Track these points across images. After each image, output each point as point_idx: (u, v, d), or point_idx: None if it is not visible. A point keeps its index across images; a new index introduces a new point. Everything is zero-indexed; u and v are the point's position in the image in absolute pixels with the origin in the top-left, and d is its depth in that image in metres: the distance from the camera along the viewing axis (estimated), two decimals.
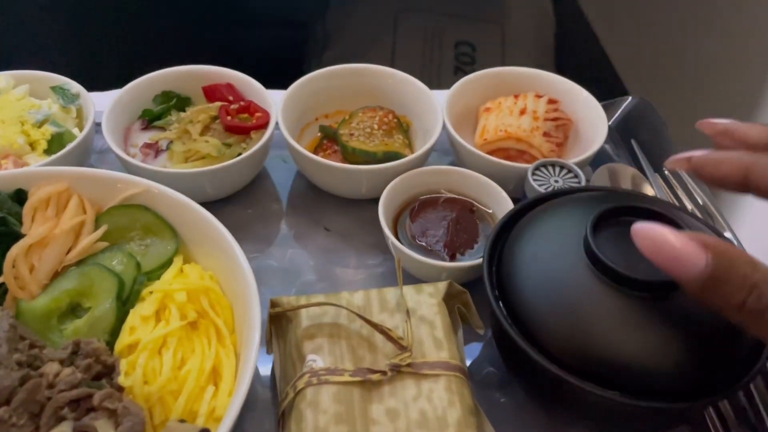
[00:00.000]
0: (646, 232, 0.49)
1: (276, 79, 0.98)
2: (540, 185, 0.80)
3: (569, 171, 0.82)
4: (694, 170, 0.57)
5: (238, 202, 0.91)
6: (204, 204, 0.87)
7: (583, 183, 0.80)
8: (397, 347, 0.62)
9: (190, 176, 0.81)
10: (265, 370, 0.73)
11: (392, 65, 0.98)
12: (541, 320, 0.61)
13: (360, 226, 0.90)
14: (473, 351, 0.76)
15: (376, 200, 0.91)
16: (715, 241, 0.47)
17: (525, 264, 0.64)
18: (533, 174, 0.81)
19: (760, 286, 0.46)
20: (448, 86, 0.96)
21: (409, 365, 0.61)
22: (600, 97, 0.96)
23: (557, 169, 0.82)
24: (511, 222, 0.71)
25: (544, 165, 0.82)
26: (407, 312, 0.64)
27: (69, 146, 0.82)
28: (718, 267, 0.46)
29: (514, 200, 0.81)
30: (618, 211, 0.64)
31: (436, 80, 2.62)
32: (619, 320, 0.59)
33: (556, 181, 0.80)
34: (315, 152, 0.93)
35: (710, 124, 0.59)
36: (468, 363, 0.75)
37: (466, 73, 0.99)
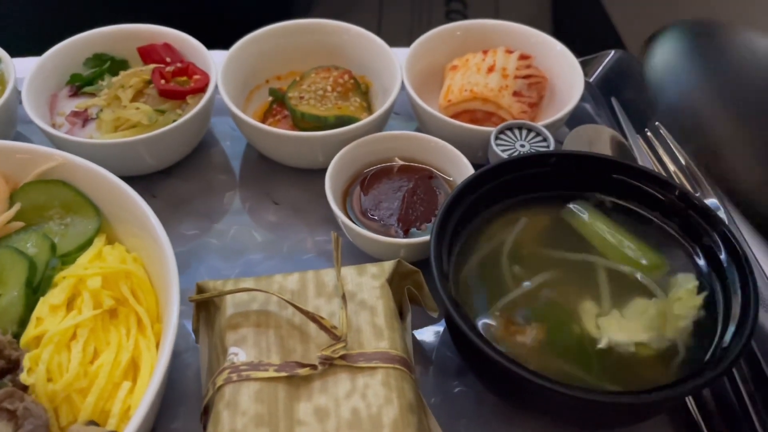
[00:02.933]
0: None
1: None
2: (504, 150, 0.71)
3: (537, 134, 0.74)
4: None
5: (179, 175, 0.83)
6: (142, 177, 0.80)
7: (552, 147, 0.72)
8: (331, 337, 0.55)
9: (116, 147, 0.74)
10: (198, 360, 0.67)
11: (379, 24, 0.90)
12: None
13: (312, 199, 0.82)
14: (428, 334, 0.69)
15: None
16: None
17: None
18: (497, 138, 0.73)
19: None
20: None
21: (342, 357, 0.54)
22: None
23: (524, 132, 0.74)
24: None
25: (510, 128, 0.74)
26: (343, 296, 0.57)
27: None
28: None
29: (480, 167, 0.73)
30: None
31: None
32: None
33: (522, 146, 0.72)
34: (264, 118, 0.85)
35: None
36: (424, 347, 0.68)
37: None
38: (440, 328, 0.70)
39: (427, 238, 0.67)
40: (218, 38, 0.87)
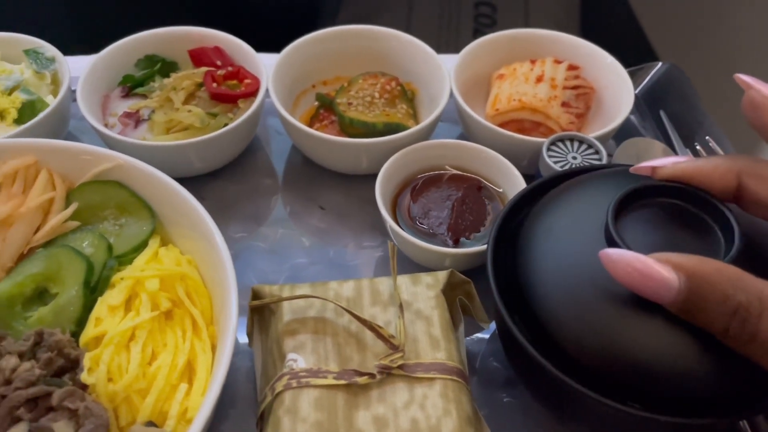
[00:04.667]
0: (613, 257, 0.46)
1: (286, 43, 0.89)
2: (556, 162, 0.71)
3: (589, 146, 0.74)
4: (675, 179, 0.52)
5: (227, 177, 0.84)
6: (190, 179, 0.80)
7: (605, 160, 0.72)
8: (389, 346, 0.55)
9: (170, 149, 0.74)
10: (249, 363, 0.67)
11: (408, 27, 0.90)
12: (553, 318, 0.54)
13: (358, 205, 0.82)
14: (477, 344, 0.69)
15: (375, 177, 0.84)
16: (690, 262, 0.43)
17: (537, 252, 0.57)
18: (548, 149, 0.73)
19: (742, 311, 0.41)
20: None
21: (400, 367, 0.54)
22: (627, 65, 0.86)
23: (575, 144, 0.74)
24: (522, 203, 0.63)
25: (561, 139, 0.74)
26: (400, 306, 0.57)
27: (40, 115, 0.75)
28: (692, 291, 0.42)
29: (528, 178, 0.73)
30: (644, 192, 0.56)
31: (454, 43, 2.50)
32: (644, 320, 0.52)
33: (574, 158, 0.72)
34: (311, 123, 0.86)
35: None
36: (470, 357, 0.68)
37: (485, 36, 0.90)
38: (485, 336, 0.70)
39: (478, 248, 0.67)
40: (245, 40, 0.87)
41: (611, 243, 0.54)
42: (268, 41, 0.89)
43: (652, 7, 2.50)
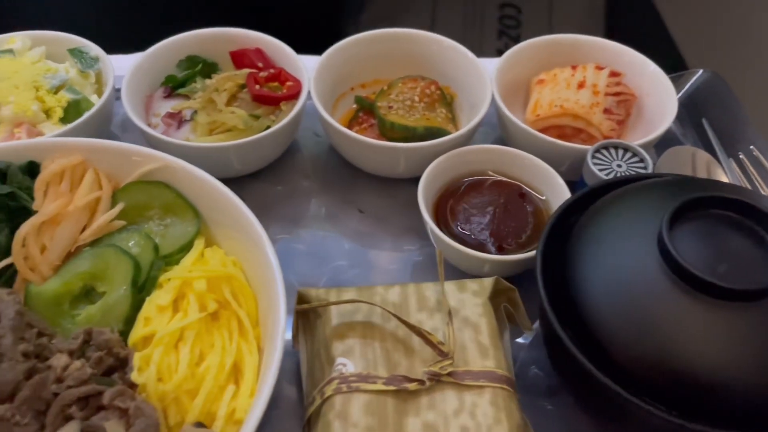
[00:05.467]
0: None
1: (308, 43, 0.89)
2: (601, 170, 0.71)
3: (634, 154, 0.73)
4: None
5: (266, 179, 0.84)
6: (229, 180, 0.80)
7: (650, 169, 0.71)
8: (437, 353, 0.55)
9: (214, 150, 0.75)
10: (291, 364, 0.68)
11: (432, 28, 0.89)
12: (603, 327, 0.54)
13: (396, 209, 0.82)
14: (517, 350, 0.69)
15: (414, 180, 0.84)
16: None
17: (586, 262, 0.57)
18: (593, 157, 0.72)
19: None
20: (491, 52, 0.87)
21: (450, 374, 0.54)
22: None
23: (620, 152, 0.73)
24: (570, 211, 0.63)
25: (606, 147, 0.74)
26: (449, 313, 0.57)
27: (86, 115, 0.76)
28: None
29: (569, 185, 0.73)
30: (698, 203, 0.56)
31: (479, 45, 2.49)
32: (698, 331, 0.52)
33: (619, 166, 0.72)
34: (350, 126, 0.86)
35: None
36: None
37: (510, 38, 0.91)
38: (523, 342, 0.70)
39: (524, 255, 0.67)
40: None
41: (665, 254, 0.53)
42: (291, 41, 0.88)
43: (680, 10, 2.47)
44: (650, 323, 0.53)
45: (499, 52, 0.86)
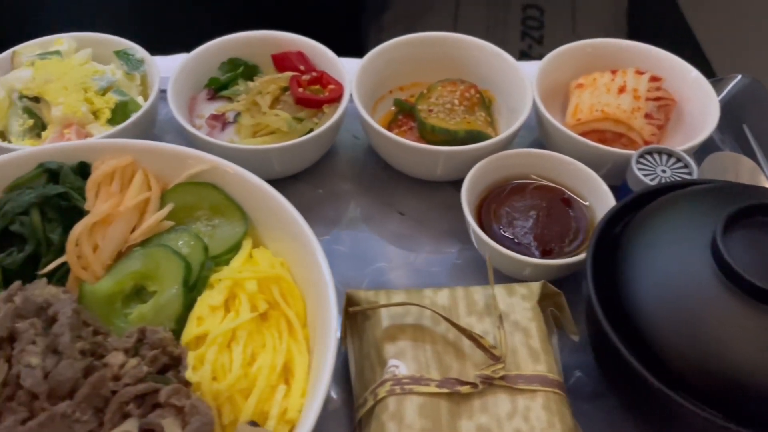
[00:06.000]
0: None
1: (330, 42, 0.89)
2: (645, 175, 0.71)
3: (678, 160, 0.73)
4: None
5: (306, 181, 0.85)
6: (269, 182, 0.81)
7: (695, 175, 0.71)
8: (489, 356, 0.56)
9: (260, 153, 0.76)
10: (337, 365, 0.68)
11: (454, 29, 0.89)
12: (655, 331, 0.54)
13: (436, 211, 0.83)
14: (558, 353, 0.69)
15: (452, 183, 0.84)
16: None
17: (637, 266, 0.57)
18: (638, 162, 0.72)
19: None
20: (514, 53, 0.86)
21: (502, 378, 0.55)
22: None
23: (664, 158, 0.73)
24: (617, 217, 0.64)
25: (650, 152, 0.74)
26: (500, 317, 0.58)
27: (134, 116, 0.77)
28: None
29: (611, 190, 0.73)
30: (751, 210, 0.56)
31: (501, 46, 2.49)
32: (750, 336, 0.52)
33: (663, 171, 0.72)
34: (389, 128, 0.86)
35: None
36: None
37: (533, 39, 0.91)
38: (566, 346, 0.70)
39: (571, 259, 0.68)
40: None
41: (719, 259, 0.54)
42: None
43: (705, 11, 2.45)
44: (702, 327, 0.53)
45: (522, 54, 0.87)
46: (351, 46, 0.91)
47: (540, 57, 0.87)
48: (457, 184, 0.84)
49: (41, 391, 0.54)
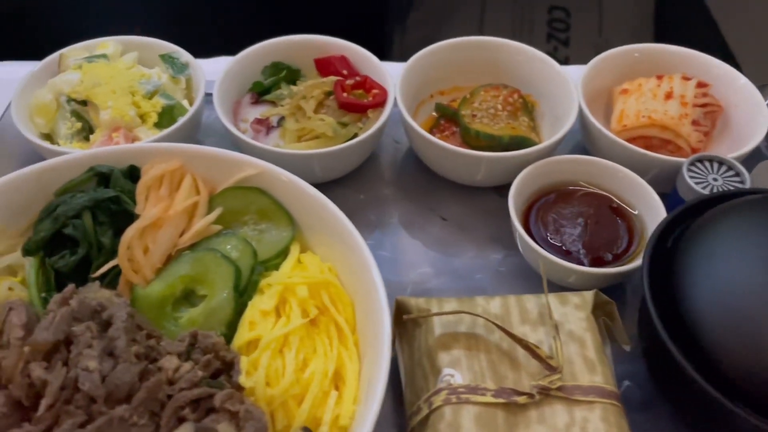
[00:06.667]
0: None
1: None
2: (697, 183, 0.70)
3: (729, 168, 0.72)
4: None
5: (347, 186, 0.85)
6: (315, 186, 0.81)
7: (748, 184, 0.70)
8: (545, 367, 0.56)
9: (306, 158, 0.76)
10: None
11: (480, 31, 0.89)
12: (715, 340, 0.53)
13: (478, 217, 0.83)
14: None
15: (494, 188, 0.84)
16: None
17: (696, 277, 0.56)
18: (689, 170, 0.71)
19: None
20: None
21: (559, 389, 0.54)
22: None
23: (715, 166, 0.72)
24: (672, 225, 0.63)
25: (700, 160, 0.73)
26: (556, 327, 0.57)
27: (181, 120, 0.77)
28: None
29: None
30: None
31: None
32: None
33: (715, 180, 0.71)
34: (431, 133, 0.86)
35: None
36: None
37: (559, 41, 0.90)
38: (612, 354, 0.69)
39: (621, 269, 0.67)
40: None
41: None
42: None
43: (735, 13, 2.41)
44: (765, 338, 0.52)
45: (548, 56, 0.86)
46: (373, 48, 0.91)
47: (566, 59, 0.86)
48: (499, 189, 0.84)
49: (99, 394, 0.54)
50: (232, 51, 0.87)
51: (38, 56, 0.87)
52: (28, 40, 1.08)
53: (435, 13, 2.48)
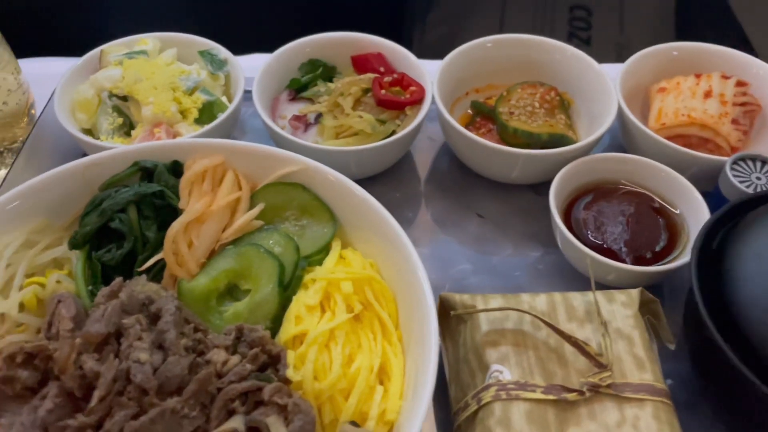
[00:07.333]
0: None
1: None
2: (741, 182, 0.70)
3: None
4: None
5: (383, 183, 0.86)
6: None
7: None
8: (594, 364, 0.55)
9: (345, 154, 0.76)
10: None
11: (501, 29, 0.89)
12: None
13: (515, 214, 0.83)
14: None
15: (531, 186, 0.84)
16: None
17: (747, 276, 0.56)
18: (731, 169, 0.71)
19: None
20: None
21: (609, 386, 0.54)
22: None
23: (758, 164, 0.72)
24: (717, 225, 0.63)
25: (743, 159, 0.72)
26: (605, 324, 0.57)
27: (222, 116, 0.78)
28: None
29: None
30: None
31: None
32: None
33: (758, 179, 0.70)
34: (467, 130, 0.86)
35: None
36: None
37: (581, 40, 0.90)
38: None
39: (665, 267, 0.67)
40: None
41: None
42: None
43: (757, 10, 2.39)
44: None
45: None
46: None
47: None
48: (535, 187, 0.84)
49: (151, 386, 0.55)
50: (251, 49, 0.87)
51: (71, 52, 0.88)
52: (60, 36, 1.08)
53: (455, 13, 2.47)
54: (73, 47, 0.96)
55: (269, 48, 0.86)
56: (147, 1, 1.36)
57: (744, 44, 2.33)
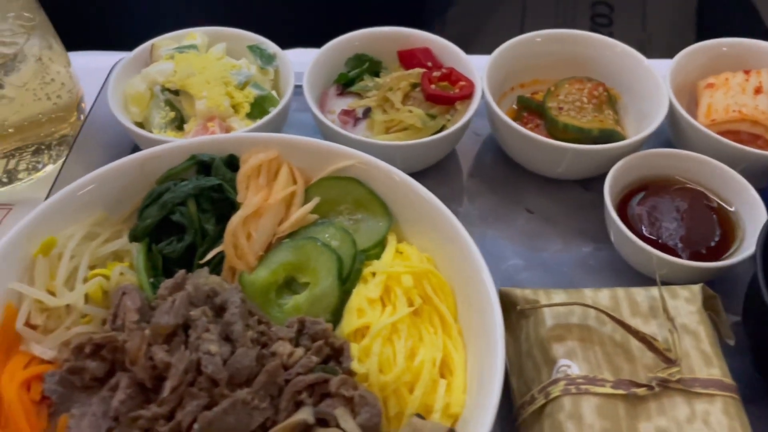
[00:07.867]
0: None
1: None
2: None
3: None
4: None
5: (430, 178, 0.85)
6: None
7: None
8: (662, 359, 0.56)
9: (394, 149, 0.76)
10: None
11: (522, 26, 0.89)
12: None
13: (564, 209, 0.83)
14: None
15: (579, 182, 0.84)
16: None
17: None
18: None
19: None
20: None
21: (678, 381, 0.54)
22: None
23: None
24: None
25: None
26: (672, 320, 0.57)
27: (274, 111, 0.78)
28: None
29: None
30: None
31: None
32: None
33: None
34: None
35: None
36: None
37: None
38: None
39: (726, 262, 0.67)
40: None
41: None
42: None
43: None
44: None
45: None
46: None
47: None
48: (584, 183, 0.84)
49: (222, 377, 0.55)
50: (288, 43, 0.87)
51: (111, 47, 0.88)
52: (106, 30, 1.09)
53: (476, 8, 2.47)
54: (113, 42, 0.97)
55: (284, 43, 0.87)
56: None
57: (766, 38, 2.31)
